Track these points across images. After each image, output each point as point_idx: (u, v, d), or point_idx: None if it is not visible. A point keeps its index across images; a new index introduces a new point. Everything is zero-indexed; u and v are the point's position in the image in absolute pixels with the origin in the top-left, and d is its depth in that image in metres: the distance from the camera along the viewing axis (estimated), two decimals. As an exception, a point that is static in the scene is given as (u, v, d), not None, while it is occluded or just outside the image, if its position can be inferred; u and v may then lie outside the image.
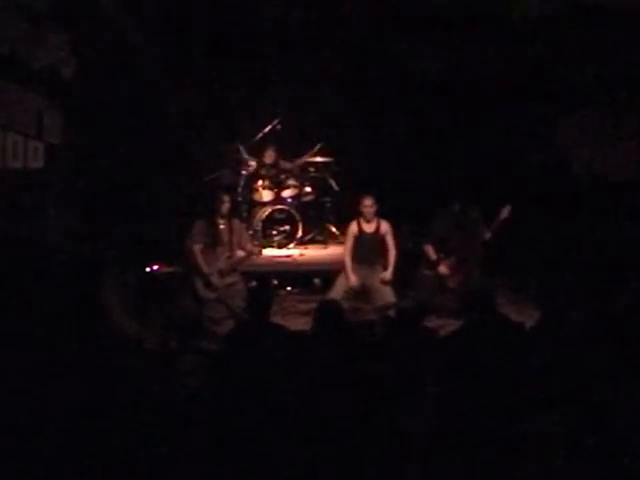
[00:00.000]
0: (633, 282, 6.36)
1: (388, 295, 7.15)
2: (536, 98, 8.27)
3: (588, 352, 4.69)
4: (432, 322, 6.44)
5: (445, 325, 6.59)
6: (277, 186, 9.41)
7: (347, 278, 7.22)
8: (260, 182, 9.39)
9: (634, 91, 7.59)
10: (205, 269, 7.04)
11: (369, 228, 7.37)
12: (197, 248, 7.13)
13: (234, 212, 7.72)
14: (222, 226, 7.22)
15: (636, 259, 7.00)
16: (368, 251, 7.33)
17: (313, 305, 5.92)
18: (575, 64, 7.86)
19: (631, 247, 7.26)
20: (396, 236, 7.46)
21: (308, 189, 9.53)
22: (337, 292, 7.15)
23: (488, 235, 7.32)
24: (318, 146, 9.39)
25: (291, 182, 9.49)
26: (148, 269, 7.83)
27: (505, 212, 7.28)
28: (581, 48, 7.71)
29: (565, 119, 8.34)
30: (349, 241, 7.38)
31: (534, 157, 8.50)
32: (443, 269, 7.43)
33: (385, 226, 7.37)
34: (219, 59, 9.18)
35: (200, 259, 7.09)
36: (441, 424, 4.20)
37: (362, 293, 7.28)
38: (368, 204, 7.25)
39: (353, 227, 7.39)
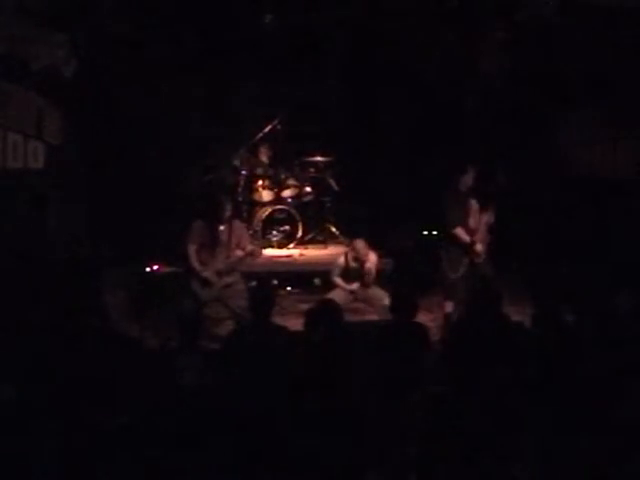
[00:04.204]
0: (632, 281, 6.37)
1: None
2: (536, 98, 8.28)
3: (587, 352, 4.69)
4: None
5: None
6: (277, 186, 9.42)
7: None
8: (260, 182, 9.40)
9: (634, 91, 7.59)
10: (198, 268, 7.01)
11: None
12: (192, 248, 7.09)
13: (234, 212, 7.71)
14: (222, 227, 7.21)
15: (636, 259, 7.01)
16: None
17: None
18: (574, 64, 7.87)
19: (631, 247, 7.28)
20: None
21: (308, 189, 9.54)
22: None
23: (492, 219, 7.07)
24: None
25: (291, 182, 9.50)
26: (148, 269, 7.82)
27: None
28: (580, 48, 7.73)
29: (565, 119, 8.35)
30: None
31: (533, 156, 8.51)
32: (479, 247, 6.92)
33: None
34: (219, 58, 9.18)
35: (194, 259, 7.05)
36: (440, 424, 4.20)
37: None
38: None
39: None
